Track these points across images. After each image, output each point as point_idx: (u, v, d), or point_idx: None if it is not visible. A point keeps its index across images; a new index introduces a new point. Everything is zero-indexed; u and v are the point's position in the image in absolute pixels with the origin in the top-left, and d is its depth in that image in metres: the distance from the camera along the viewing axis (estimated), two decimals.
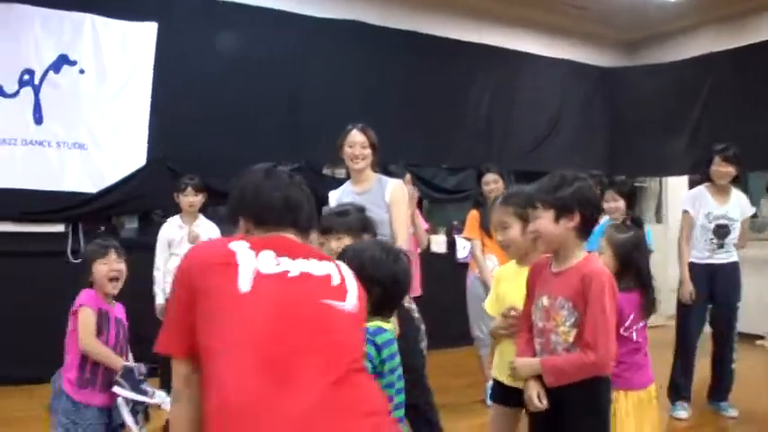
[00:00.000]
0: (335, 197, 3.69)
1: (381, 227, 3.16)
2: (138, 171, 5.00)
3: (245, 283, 1.46)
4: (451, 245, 6.24)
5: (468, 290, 4.70)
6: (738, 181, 4.31)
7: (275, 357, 1.40)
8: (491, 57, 6.30)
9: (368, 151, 3.54)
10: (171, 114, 5.00)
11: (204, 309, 1.46)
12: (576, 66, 6.91)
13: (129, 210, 5.16)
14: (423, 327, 3.20)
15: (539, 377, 2.19)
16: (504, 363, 2.48)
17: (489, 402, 4.33)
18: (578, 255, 2.19)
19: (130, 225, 5.26)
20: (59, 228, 4.93)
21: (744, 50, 6.18)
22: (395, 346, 2.05)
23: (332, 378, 1.40)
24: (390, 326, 2.13)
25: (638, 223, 3.10)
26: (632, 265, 2.78)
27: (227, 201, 1.78)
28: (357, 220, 2.70)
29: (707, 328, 4.33)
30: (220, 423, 1.36)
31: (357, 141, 3.53)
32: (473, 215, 4.77)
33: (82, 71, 4.90)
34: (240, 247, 1.54)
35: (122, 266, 2.80)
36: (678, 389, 4.24)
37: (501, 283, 2.62)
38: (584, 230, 2.19)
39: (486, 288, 4.62)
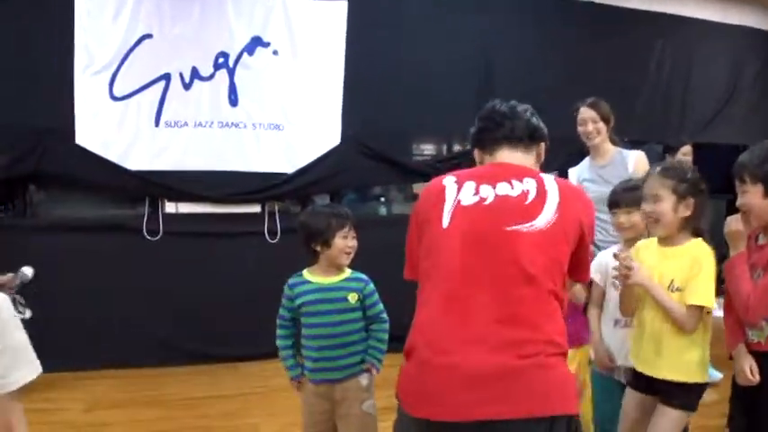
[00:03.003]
0: (576, 173, 3.71)
1: None
2: (333, 150, 4.97)
3: (445, 219, 1.68)
4: None
5: None
6: None
7: (456, 296, 1.61)
8: (668, 25, 5.98)
9: (600, 125, 3.61)
10: (363, 92, 4.95)
11: (423, 242, 1.73)
12: (751, 32, 6.52)
13: (323, 189, 5.13)
14: None
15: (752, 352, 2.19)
16: (637, 348, 2.37)
17: None
18: None
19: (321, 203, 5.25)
20: (256, 209, 4.96)
21: None
22: None
23: (496, 315, 1.57)
24: None
25: None
26: None
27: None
28: None
29: None
30: (416, 337, 1.65)
31: (587, 118, 3.60)
32: None
33: (275, 52, 4.89)
34: (449, 182, 1.76)
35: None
36: None
37: (638, 255, 2.38)
38: None
39: None
